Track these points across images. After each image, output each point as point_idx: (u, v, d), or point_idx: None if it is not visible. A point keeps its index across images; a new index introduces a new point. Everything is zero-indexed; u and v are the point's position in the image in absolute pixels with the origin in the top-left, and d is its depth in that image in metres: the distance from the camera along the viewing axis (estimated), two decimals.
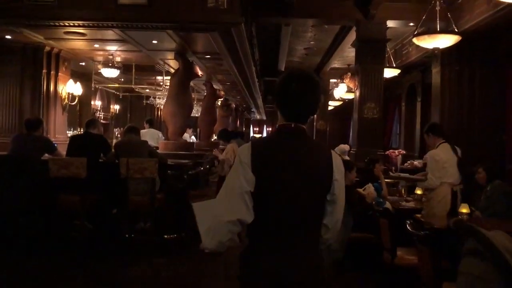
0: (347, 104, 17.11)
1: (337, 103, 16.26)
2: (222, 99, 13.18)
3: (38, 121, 5.80)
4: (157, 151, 6.40)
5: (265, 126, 33.29)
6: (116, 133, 13.41)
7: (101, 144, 5.65)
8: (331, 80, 14.36)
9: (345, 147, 8.07)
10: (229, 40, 6.02)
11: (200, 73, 7.79)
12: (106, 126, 14.01)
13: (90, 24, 5.46)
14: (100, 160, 5.60)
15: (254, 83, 11.60)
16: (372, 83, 7.20)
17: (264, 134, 32.78)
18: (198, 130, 14.18)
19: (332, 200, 1.79)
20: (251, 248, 1.78)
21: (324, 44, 10.94)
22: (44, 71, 7.16)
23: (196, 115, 14.10)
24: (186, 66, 7.09)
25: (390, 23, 7.38)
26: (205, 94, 11.21)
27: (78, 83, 7.89)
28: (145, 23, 5.45)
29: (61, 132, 7.57)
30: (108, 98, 14.31)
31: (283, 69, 13.82)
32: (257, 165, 1.72)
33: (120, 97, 13.90)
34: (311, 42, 10.75)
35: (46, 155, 5.66)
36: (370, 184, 5.44)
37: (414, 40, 5.88)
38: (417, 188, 5.80)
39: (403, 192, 5.82)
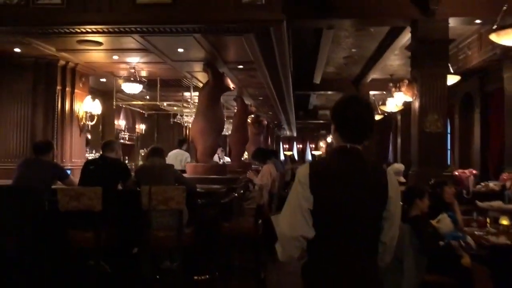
0: (385, 118, 16.03)
1: (377, 117, 15.17)
2: (253, 115, 12.31)
3: (48, 144, 5.09)
4: (184, 175, 5.59)
5: (295, 143, 32.14)
6: (142, 154, 12.72)
7: (119, 170, 4.92)
8: (371, 92, 13.29)
9: (400, 166, 7.04)
10: (266, 44, 5.12)
11: (231, 85, 6.91)
12: (131, 147, 13.36)
13: (105, 29, 4.65)
14: (119, 189, 4.87)
15: (289, 96, 10.68)
16: (435, 91, 6.14)
17: (295, 151, 31.69)
18: (227, 149, 13.34)
19: (387, 217, 1.86)
20: (312, 262, 1.88)
21: (366, 52, 9.96)
22: (59, 88, 6.39)
23: (226, 133, 13.27)
24: (216, 78, 6.23)
25: (452, 22, 6.33)
26: (235, 110, 10.36)
27: (97, 101, 7.14)
28: (169, 25, 4.60)
29: (78, 156, 6.78)
30: (133, 117, 13.67)
31: (318, 82, 12.87)
32: (315, 184, 1.84)
33: (146, 115, 13.21)
34: (353, 50, 9.77)
35: (59, 183, 4.95)
36: (445, 215, 4.49)
37: (493, 36, 4.89)
38: (502, 217, 4.77)
39: (488, 222, 4.72)
